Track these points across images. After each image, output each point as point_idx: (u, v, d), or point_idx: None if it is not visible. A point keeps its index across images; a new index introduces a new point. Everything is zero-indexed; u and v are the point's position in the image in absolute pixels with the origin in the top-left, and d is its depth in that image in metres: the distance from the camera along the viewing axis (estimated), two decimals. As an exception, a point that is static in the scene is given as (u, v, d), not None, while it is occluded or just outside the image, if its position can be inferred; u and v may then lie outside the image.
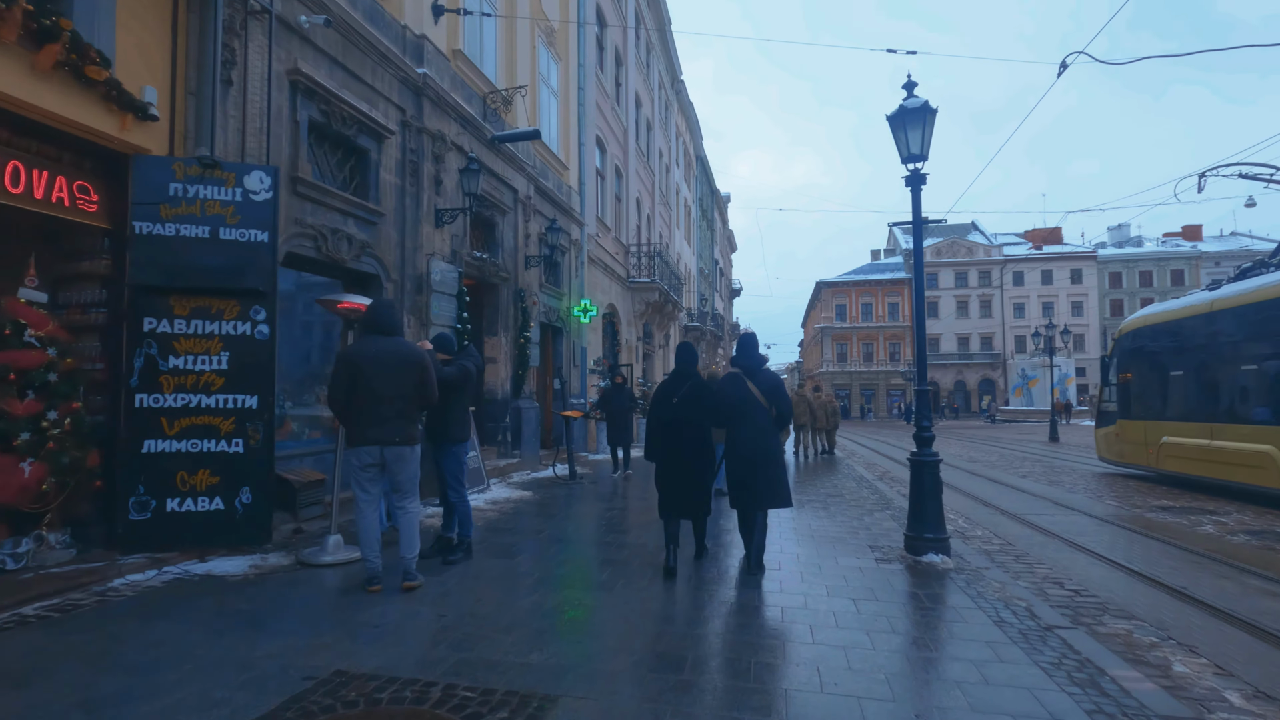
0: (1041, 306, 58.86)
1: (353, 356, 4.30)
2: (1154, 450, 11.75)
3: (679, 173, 32.49)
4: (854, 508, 8.00)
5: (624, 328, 19.05)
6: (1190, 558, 5.94)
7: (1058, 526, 7.35)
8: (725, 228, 57.74)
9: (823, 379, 64.13)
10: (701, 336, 35.88)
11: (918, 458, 5.41)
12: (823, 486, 10.17)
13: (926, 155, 5.51)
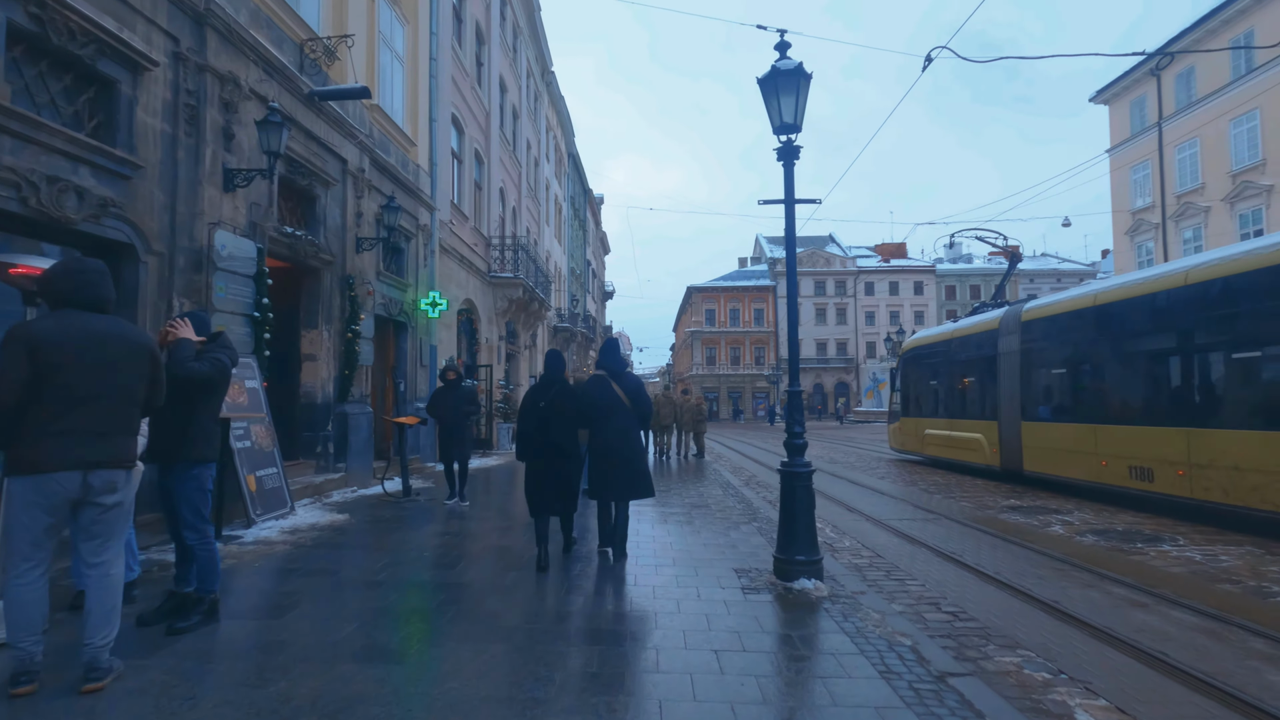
0: (890, 314, 63.59)
1: (32, 337, 2.85)
2: (921, 440, 15.38)
3: (549, 168, 31.35)
4: (720, 521, 7.34)
5: (484, 325, 17.64)
6: (1051, 564, 5.75)
7: (923, 534, 7.09)
8: (599, 229, 57.21)
9: (692, 381, 65.32)
10: (572, 338, 34.92)
11: (790, 468, 4.74)
12: (689, 494, 9.51)
13: (800, 125, 4.87)
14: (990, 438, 12.42)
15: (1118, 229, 39.37)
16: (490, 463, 13.93)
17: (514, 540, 6.20)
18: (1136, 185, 37.65)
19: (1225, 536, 6.80)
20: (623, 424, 5.44)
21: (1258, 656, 3.63)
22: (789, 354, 4.86)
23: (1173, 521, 7.70)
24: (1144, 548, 6.32)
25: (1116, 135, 38.57)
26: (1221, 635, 3.97)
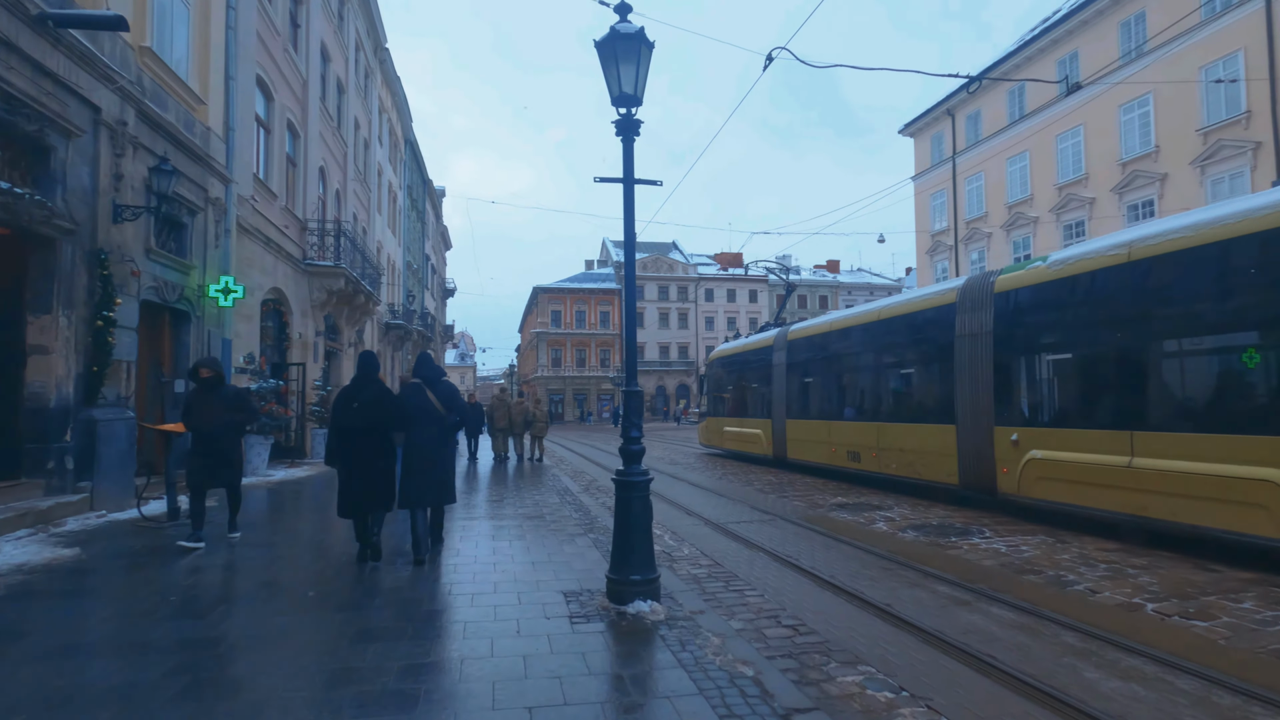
0: (728, 320, 66.76)
1: None
2: (722, 436, 18.12)
3: (382, 152, 29.01)
4: (554, 533, 6.73)
5: (296, 319, 15.63)
6: (880, 563, 5.79)
7: (761, 536, 6.97)
8: (439, 222, 54.39)
9: (538, 383, 64.21)
10: (407, 336, 32.61)
11: (625, 477, 4.24)
12: (524, 503, 8.81)
13: (641, 98, 4.42)
14: (766, 433, 15.36)
15: (920, 249, 44.16)
16: (300, 474, 12.26)
17: (295, 571, 5.16)
18: (935, 210, 42.42)
19: (1023, 528, 7.36)
20: (436, 431, 5.67)
21: (1072, 652, 3.69)
22: (625, 350, 4.38)
23: (976, 514, 8.27)
24: (957, 541, 6.63)
25: (920, 165, 43.25)
26: (1037, 631, 4.04)
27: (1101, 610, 4.45)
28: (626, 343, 4.35)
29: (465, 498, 9.62)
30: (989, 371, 8.61)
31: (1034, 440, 7.83)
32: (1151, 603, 4.54)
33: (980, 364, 8.77)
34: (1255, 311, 5.80)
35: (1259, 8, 24.09)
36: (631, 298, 4.40)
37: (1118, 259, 7.03)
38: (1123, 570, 5.40)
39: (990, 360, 8.61)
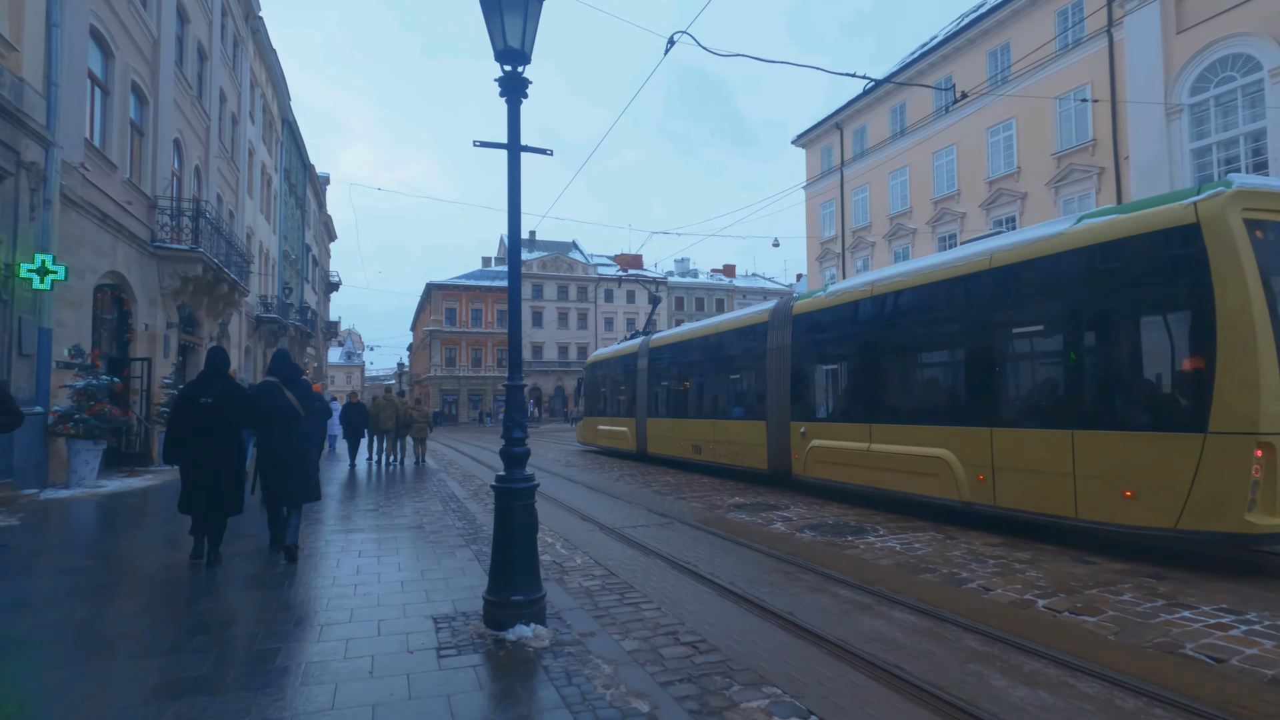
0: (627, 321, 66.86)
1: None
2: (596, 433, 19.60)
3: (254, 130, 26.57)
4: (433, 546, 6.06)
5: (142, 308, 13.78)
6: (780, 567, 5.58)
7: (658, 542, 6.61)
8: (322, 211, 50.94)
9: (431, 383, 61.56)
10: (281, 331, 30.08)
11: (506, 484, 3.72)
12: (403, 511, 8.02)
13: (529, 54, 3.91)
14: (631, 430, 16.95)
15: (810, 255, 45.99)
16: (141, 484, 10.75)
17: (100, 604, 4.25)
18: (825, 219, 44.30)
19: (913, 524, 7.44)
20: (294, 429, 5.62)
21: (976, 658, 3.55)
22: (509, 337, 3.85)
23: (869, 512, 8.33)
24: (854, 540, 6.56)
25: (811, 175, 45.05)
26: (940, 635, 3.89)
27: (997, 609, 4.40)
28: (510, 329, 3.83)
29: (339, 506, 8.68)
30: (787, 378, 10.48)
31: (815, 432, 9.79)
32: (1041, 599, 4.55)
33: (782, 372, 10.64)
34: (941, 339, 8.00)
35: (1103, 46, 26.69)
36: (516, 279, 3.88)
37: (865, 293, 9.11)
38: (1010, 566, 5.46)
39: (789, 369, 10.47)
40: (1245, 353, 5.03)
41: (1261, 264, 5.14)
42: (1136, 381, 5.95)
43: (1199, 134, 20.81)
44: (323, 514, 8.01)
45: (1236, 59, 19.78)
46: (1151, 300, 5.84)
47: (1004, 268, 7.06)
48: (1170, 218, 5.62)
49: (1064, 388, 6.47)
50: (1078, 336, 6.33)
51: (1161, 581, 4.88)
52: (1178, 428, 5.38)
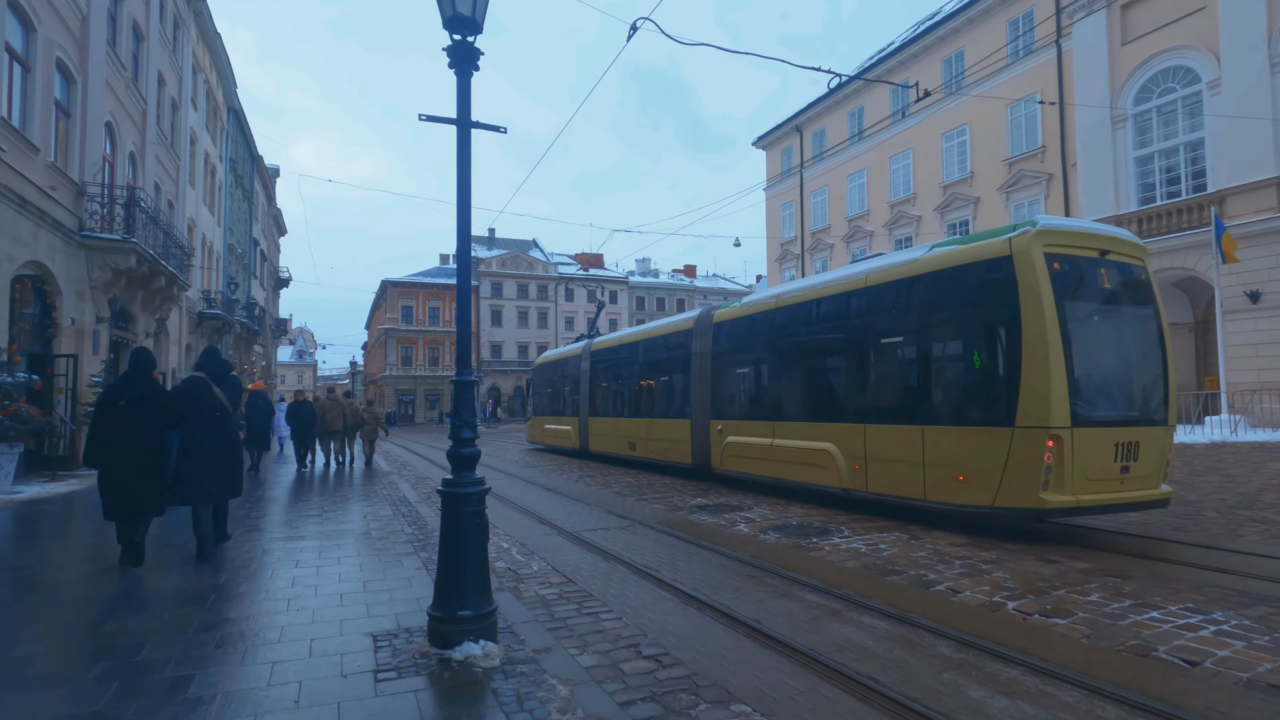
0: (588, 321, 66.31)
1: None
2: (543, 432, 20.53)
3: (197, 118, 25.39)
4: (379, 553, 5.70)
5: (68, 301, 12.90)
6: (745, 571, 5.38)
7: (619, 545, 6.36)
8: (271, 204, 49.20)
9: (386, 383, 60.10)
10: (226, 328, 28.84)
11: (454, 488, 3.41)
12: (350, 516, 7.59)
13: (480, 23, 3.62)
14: (574, 429, 17.72)
15: (770, 256, 46.32)
16: (63, 489, 10.02)
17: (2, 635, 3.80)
18: (785, 220, 44.68)
19: (877, 525, 7.35)
20: (221, 426, 5.62)
21: (952, 666, 3.39)
22: (457, 329, 3.55)
23: (833, 512, 8.23)
24: (818, 542, 6.42)
25: (771, 176, 45.40)
26: (913, 642, 3.74)
27: (968, 612, 4.28)
28: (459, 321, 3.53)
29: (282, 511, 8.19)
30: (708, 380, 11.46)
31: (730, 430, 10.76)
32: (1010, 600, 4.45)
33: (704, 375, 11.61)
34: (826, 347, 9.00)
35: (1052, 56, 27.45)
36: (466, 265, 3.57)
37: (770, 305, 10.15)
38: (976, 566, 5.38)
39: (709, 372, 11.45)
40: (1041, 362, 6.06)
41: (1057, 290, 6.21)
42: (967, 384, 6.96)
43: (1142, 142, 21.55)
44: (263, 519, 7.53)
45: (1177, 71, 20.52)
46: (977, 317, 6.86)
47: (873, 287, 8.13)
48: (991, 250, 6.64)
49: (916, 390, 7.44)
50: (926, 346, 7.38)
51: (1126, 580, 4.84)
52: (995, 423, 6.38)
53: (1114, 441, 6.21)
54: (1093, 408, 6.28)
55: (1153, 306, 6.99)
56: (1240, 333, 18.05)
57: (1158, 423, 6.57)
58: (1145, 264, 7.03)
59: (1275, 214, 17.69)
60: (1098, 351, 6.58)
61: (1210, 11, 19.37)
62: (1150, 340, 6.85)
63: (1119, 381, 6.70)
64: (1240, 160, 18.49)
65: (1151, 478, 6.43)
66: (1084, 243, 6.61)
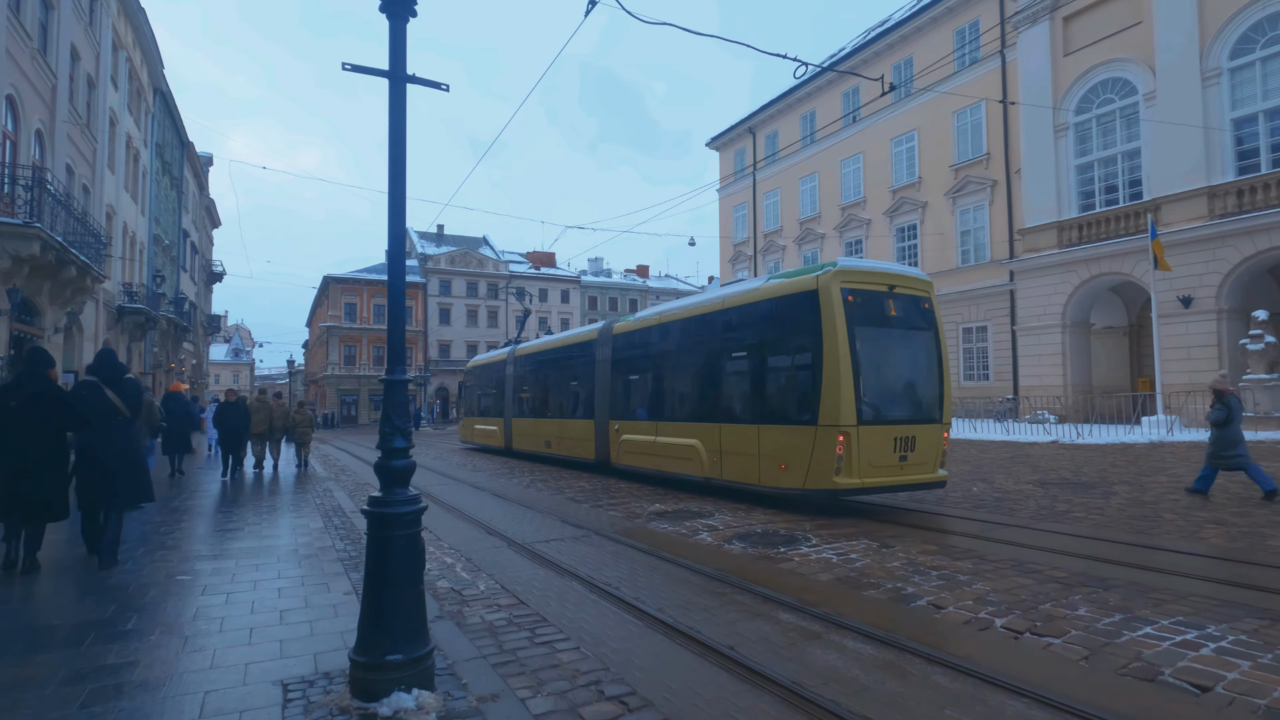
0: (539, 320, 65.37)
1: None
2: (474, 432, 21.91)
3: (118, 98, 23.65)
4: (304, 574, 5.07)
5: (-43, 292, 11.61)
6: (712, 587, 4.98)
7: (574, 558, 5.87)
8: (204, 194, 46.69)
9: (328, 383, 57.84)
10: (150, 323, 27.02)
11: (382, 508, 2.88)
12: (275, 529, 6.87)
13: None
14: (500, 429, 19.07)
15: (723, 257, 46.40)
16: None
17: None
18: (738, 222, 44.80)
19: (845, 532, 7.06)
20: (117, 431, 5.42)
21: (951, 700, 3.05)
22: (389, 318, 3.01)
23: (797, 518, 7.92)
24: (786, 552, 6.07)
25: (724, 178, 45.48)
26: (904, 671, 3.38)
27: (957, 632, 3.96)
28: (391, 310, 2.99)
29: (199, 524, 7.39)
30: (609, 385, 12.72)
31: (624, 429, 12.06)
32: (998, 617, 4.16)
33: (605, 380, 12.85)
34: (693, 358, 10.29)
35: (996, 66, 28.15)
36: (399, 240, 3.04)
37: (655, 321, 11.65)
38: (954, 578, 5.10)
39: (609, 377, 12.68)
40: (834, 374, 7.52)
41: (849, 317, 7.67)
42: (786, 392, 8.43)
43: (1082, 151, 22.20)
44: (174, 534, 6.75)
45: (1116, 82, 21.20)
46: (792, 338, 8.34)
47: (726, 309, 9.65)
48: (803, 285, 8.14)
49: (752, 396, 8.85)
50: (759, 359, 8.82)
51: (1109, 591, 4.63)
52: (803, 423, 7.85)
53: (893, 436, 7.77)
54: (875, 410, 7.80)
55: (932, 329, 8.44)
56: (1173, 335, 18.72)
57: (933, 421, 8.13)
58: (929, 295, 8.60)
59: (1205, 222, 18.41)
60: (882, 365, 8.09)
61: (1147, 26, 20.07)
62: (929, 356, 8.34)
63: (899, 389, 8.22)
64: (1173, 170, 19.20)
65: (927, 465, 8.02)
66: (875, 279, 8.11)
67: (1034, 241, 23.04)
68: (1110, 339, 23.85)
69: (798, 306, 8.15)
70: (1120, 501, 8.35)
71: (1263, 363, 16.27)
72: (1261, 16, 17.66)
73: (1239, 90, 18.20)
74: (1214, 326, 18.23)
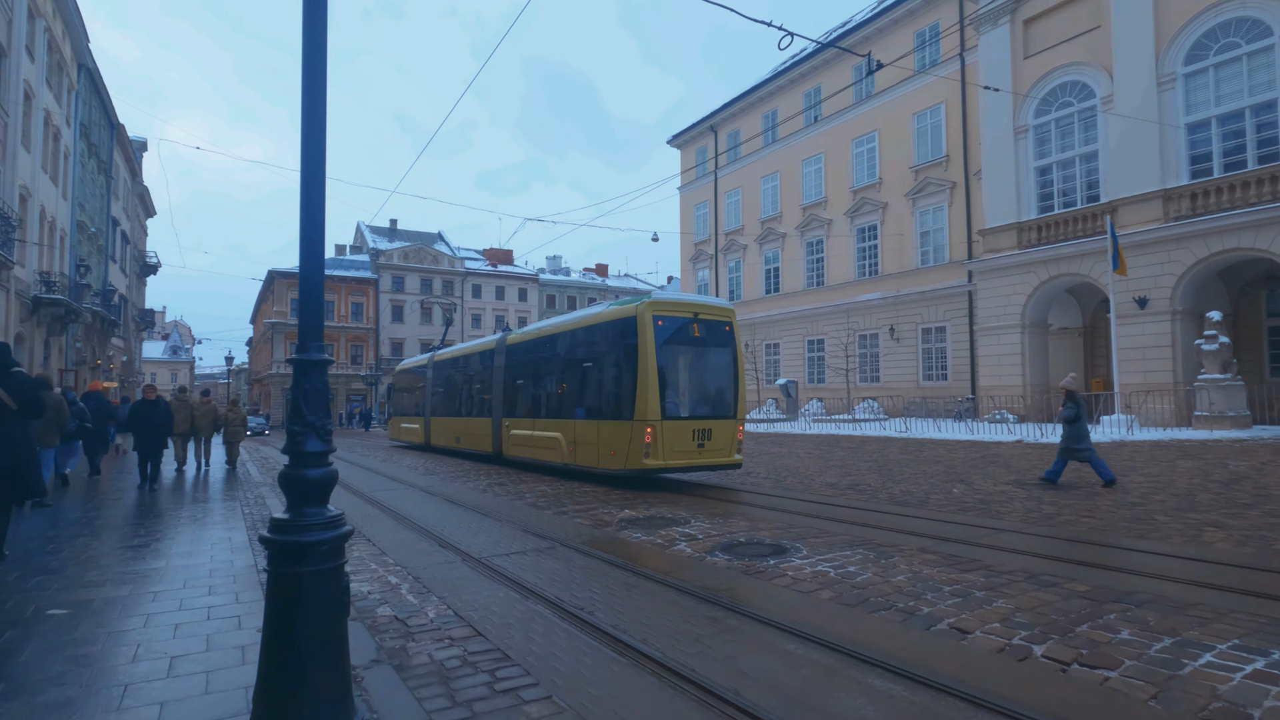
0: (496, 318, 64.02)
1: None
2: (400, 430, 23.77)
3: (34, 70, 21.78)
4: (211, 604, 4.22)
5: None
6: (702, 610, 4.33)
7: (539, 576, 5.15)
8: (137, 181, 44.00)
9: (273, 381, 55.38)
10: (72, 316, 25.05)
11: (287, 535, 2.13)
12: (191, 543, 5.95)
13: None
14: (421, 427, 20.95)
15: (684, 256, 45.98)
16: None
17: None
18: (699, 220, 44.44)
19: (832, 539, 6.50)
20: (8, 423, 5.22)
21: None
22: (300, 279, 2.27)
23: (782, 525, 7.36)
24: (776, 564, 5.46)
25: (686, 176, 45.03)
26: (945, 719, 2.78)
27: (992, 664, 3.40)
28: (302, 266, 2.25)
29: (105, 537, 6.38)
30: (502, 387, 14.66)
31: (512, 425, 14.08)
32: (1034, 644, 3.63)
33: (499, 384, 14.77)
34: (555, 368, 12.48)
35: (956, 69, 28.35)
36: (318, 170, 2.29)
37: (533, 335, 13.76)
38: (969, 593, 4.57)
39: (504, 381, 14.59)
40: (644, 382, 9.75)
41: (658, 338, 9.92)
42: (615, 394, 10.45)
43: (1041, 153, 22.41)
44: (66, 554, 5.76)
45: (1075, 86, 21.43)
46: (618, 354, 10.45)
47: (578, 329, 11.94)
48: (626, 312, 10.36)
49: (594, 397, 11.02)
50: (599, 370, 10.98)
51: (1143, 609, 4.16)
52: (625, 418, 10.04)
53: (692, 429, 10.14)
54: (676, 409, 10.13)
55: (731, 347, 10.75)
56: (1130, 336, 18.95)
57: (728, 418, 10.48)
58: (730, 320, 10.88)
59: (1161, 224, 18.68)
60: (685, 375, 10.43)
61: (1105, 30, 20.33)
62: (726, 367, 10.64)
63: (698, 393, 10.53)
64: (1130, 173, 19.47)
65: (724, 450, 10.34)
66: (682, 309, 10.40)
67: (994, 242, 23.18)
68: (1065, 340, 24.20)
69: (623, 330, 10.36)
70: (1108, 504, 8.05)
71: (1217, 363, 16.54)
72: (1215, 23, 18.01)
73: (1193, 95, 18.54)
74: (1168, 327, 18.52)
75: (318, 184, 2.25)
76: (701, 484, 10.75)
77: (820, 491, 9.63)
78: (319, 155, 2.29)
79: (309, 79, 2.22)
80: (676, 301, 10.41)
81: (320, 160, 2.25)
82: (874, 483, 10.38)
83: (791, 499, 8.93)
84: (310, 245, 2.28)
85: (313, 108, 2.23)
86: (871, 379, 31.37)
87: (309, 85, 2.22)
